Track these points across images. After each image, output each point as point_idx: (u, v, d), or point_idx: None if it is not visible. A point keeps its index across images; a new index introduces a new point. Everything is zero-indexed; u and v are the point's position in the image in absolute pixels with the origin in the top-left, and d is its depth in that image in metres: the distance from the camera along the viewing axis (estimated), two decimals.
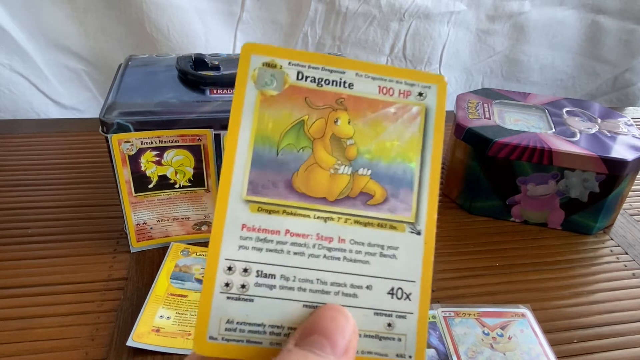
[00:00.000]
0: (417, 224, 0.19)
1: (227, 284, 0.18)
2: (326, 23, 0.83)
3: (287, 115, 0.19)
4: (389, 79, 0.20)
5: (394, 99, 0.20)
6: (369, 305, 0.18)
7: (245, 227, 0.18)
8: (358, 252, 0.19)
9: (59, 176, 0.62)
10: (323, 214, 0.19)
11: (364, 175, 0.19)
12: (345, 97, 0.20)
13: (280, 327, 0.18)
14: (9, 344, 0.41)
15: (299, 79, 0.19)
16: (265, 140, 0.19)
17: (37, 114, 0.80)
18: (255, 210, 0.18)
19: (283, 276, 0.18)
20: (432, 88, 0.20)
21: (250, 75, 0.19)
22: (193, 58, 0.53)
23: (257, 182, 0.19)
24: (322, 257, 0.18)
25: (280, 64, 0.19)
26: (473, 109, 0.62)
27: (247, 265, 0.18)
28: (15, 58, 0.75)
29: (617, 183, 0.55)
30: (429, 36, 0.87)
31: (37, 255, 0.50)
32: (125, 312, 0.44)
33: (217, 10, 0.80)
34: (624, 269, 0.54)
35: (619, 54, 0.95)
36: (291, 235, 0.18)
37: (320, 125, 0.19)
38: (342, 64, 0.20)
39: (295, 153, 0.19)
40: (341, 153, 0.19)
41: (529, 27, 0.91)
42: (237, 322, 0.18)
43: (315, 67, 0.19)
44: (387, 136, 0.20)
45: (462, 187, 0.61)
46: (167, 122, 0.46)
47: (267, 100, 0.19)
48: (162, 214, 0.50)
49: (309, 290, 0.18)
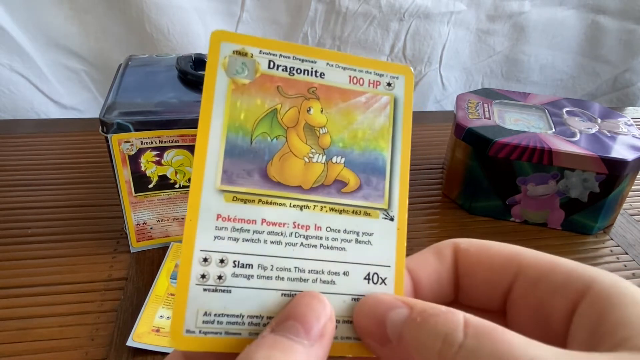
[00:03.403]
0: (390, 210, 0.20)
1: (203, 276, 0.17)
2: (326, 23, 0.83)
3: (259, 103, 0.19)
4: (358, 69, 0.20)
5: (364, 89, 0.20)
6: (347, 291, 0.19)
7: (220, 217, 0.18)
8: (334, 239, 0.19)
9: (59, 176, 0.62)
10: (299, 202, 0.19)
11: (337, 164, 0.19)
12: (317, 86, 0.19)
13: (259, 317, 0.18)
14: (9, 344, 0.41)
15: (271, 68, 0.19)
16: (238, 129, 0.19)
17: (37, 114, 0.80)
18: (230, 200, 0.18)
19: (260, 265, 0.18)
20: (399, 79, 0.20)
21: (220, 63, 0.19)
22: (193, 58, 0.53)
23: (231, 171, 0.18)
24: (299, 245, 0.18)
25: (251, 53, 0.19)
26: (473, 109, 0.62)
27: (224, 255, 0.18)
28: (15, 58, 0.75)
29: (617, 183, 0.55)
30: (429, 36, 0.87)
31: (37, 255, 0.50)
32: (125, 312, 0.44)
33: (217, 10, 0.80)
34: (624, 269, 0.54)
35: (619, 54, 0.95)
36: (267, 224, 0.18)
37: (293, 113, 0.19)
38: (313, 54, 0.20)
39: (269, 141, 0.19)
40: (315, 141, 0.19)
41: (529, 27, 0.91)
42: (214, 314, 0.17)
43: (286, 56, 0.19)
44: (359, 125, 0.20)
45: (462, 187, 0.61)
46: (167, 122, 0.46)
47: (239, 89, 0.19)
48: (162, 214, 0.50)
49: (287, 278, 0.18)
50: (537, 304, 0.18)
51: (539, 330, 0.18)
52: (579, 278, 0.17)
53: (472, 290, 0.20)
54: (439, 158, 0.70)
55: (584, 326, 0.16)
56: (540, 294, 0.18)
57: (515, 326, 0.19)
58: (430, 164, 0.69)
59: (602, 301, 0.16)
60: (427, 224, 0.59)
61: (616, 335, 0.15)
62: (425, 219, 0.60)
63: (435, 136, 0.73)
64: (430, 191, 0.65)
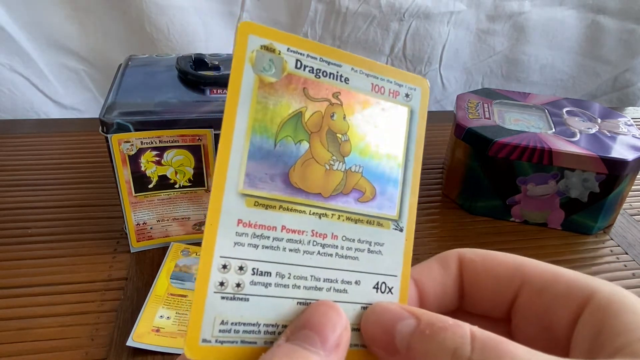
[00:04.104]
0: (400, 221, 0.20)
1: (221, 283, 0.17)
2: (326, 23, 0.83)
3: (285, 104, 0.18)
4: (380, 77, 0.20)
5: (384, 98, 0.20)
6: (357, 300, 0.19)
7: (241, 223, 0.17)
8: (349, 248, 0.19)
9: (59, 176, 0.62)
10: (318, 210, 0.19)
11: (356, 172, 0.19)
12: (341, 91, 0.19)
13: (274, 326, 0.17)
14: (9, 344, 0.41)
15: (297, 68, 0.18)
16: (263, 129, 0.18)
17: (37, 114, 0.80)
18: (251, 205, 0.17)
19: (278, 273, 0.18)
20: (416, 90, 0.20)
21: (247, 57, 0.18)
22: (193, 58, 0.53)
23: (254, 174, 0.17)
24: (316, 253, 0.18)
25: (279, 49, 0.18)
26: (473, 109, 0.62)
27: (243, 262, 0.17)
28: (15, 58, 0.75)
29: (617, 183, 0.55)
30: (429, 36, 0.87)
31: (37, 255, 0.50)
32: (125, 312, 0.44)
33: (217, 10, 0.80)
34: (624, 269, 0.54)
35: (619, 54, 0.95)
36: (287, 232, 0.18)
37: (318, 118, 0.19)
38: (339, 57, 0.19)
39: (293, 145, 0.18)
40: (336, 149, 0.19)
41: (529, 27, 0.91)
42: (231, 322, 0.17)
43: (313, 56, 0.19)
44: (377, 134, 0.20)
45: (462, 187, 0.61)
46: (167, 122, 0.46)
47: (265, 87, 0.18)
48: (162, 214, 0.50)
49: (303, 287, 0.18)
50: (541, 313, 0.19)
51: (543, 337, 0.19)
52: (581, 288, 0.18)
53: (477, 299, 0.21)
54: (439, 158, 0.70)
55: (586, 334, 0.17)
56: (544, 303, 0.19)
57: (519, 333, 0.20)
58: (430, 164, 0.69)
59: (602, 310, 0.17)
60: (427, 224, 0.59)
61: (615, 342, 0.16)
62: (426, 219, 0.60)
63: (435, 136, 0.73)
64: (430, 191, 0.65)
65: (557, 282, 0.19)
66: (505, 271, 0.20)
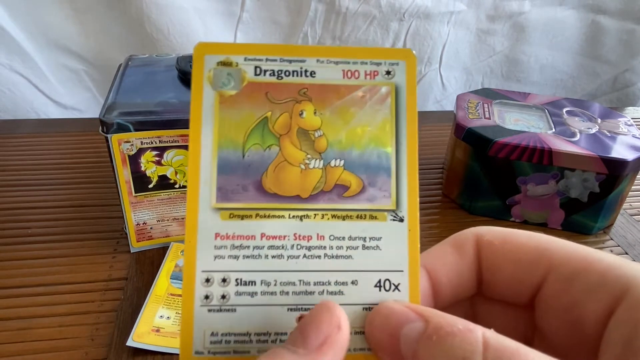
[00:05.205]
0: (398, 211, 0.18)
1: (206, 297, 0.17)
2: (326, 23, 0.83)
3: (248, 114, 0.18)
4: (352, 61, 0.19)
5: (360, 82, 0.19)
6: (357, 301, 0.18)
7: (218, 236, 0.18)
8: (339, 247, 0.18)
9: (59, 176, 0.62)
10: (298, 212, 0.18)
11: (337, 167, 0.18)
12: (308, 86, 0.18)
13: (266, 334, 0.17)
14: (9, 344, 0.41)
15: (257, 75, 0.18)
16: (229, 143, 0.18)
17: (37, 114, 0.80)
18: (227, 218, 0.18)
19: (264, 281, 0.18)
20: (400, 65, 0.19)
21: (205, 77, 0.18)
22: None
23: (225, 187, 0.18)
24: (301, 257, 0.18)
25: (235, 62, 0.18)
26: (473, 109, 0.62)
27: (226, 274, 0.17)
28: (15, 58, 0.75)
29: (617, 183, 0.55)
30: (429, 36, 0.87)
31: (37, 255, 0.50)
32: (125, 312, 0.44)
33: (217, 10, 0.80)
34: None
35: (619, 54, 0.95)
36: (267, 239, 0.18)
37: (285, 120, 0.18)
38: (301, 52, 0.19)
39: (262, 152, 0.18)
40: (310, 146, 0.18)
41: (529, 27, 0.91)
42: (221, 333, 0.17)
43: (273, 59, 0.18)
44: (357, 122, 0.19)
45: (462, 187, 0.61)
46: (167, 122, 0.46)
47: (226, 101, 0.18)
48: (162, 214, 0.50)
49: (292, 292, 0.18)
50: (568, 305, 0.17)
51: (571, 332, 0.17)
52: (617, 279, 0.16)
53: (497, 285, 0.19)
54: (439, 158, 0.70)
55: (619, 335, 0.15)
56: (572, 295, 0.17)
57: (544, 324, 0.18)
58: (430, 164, 0.69)
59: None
60: (427, 224, 0.59)
61: None
62: (426, 219, 0.60)
63: (435, 136, 0.73)
64: (430, 191, 0.65)
65: (588, 271, 0.16)
66: (529, 256, 0.18)
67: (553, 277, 0.17)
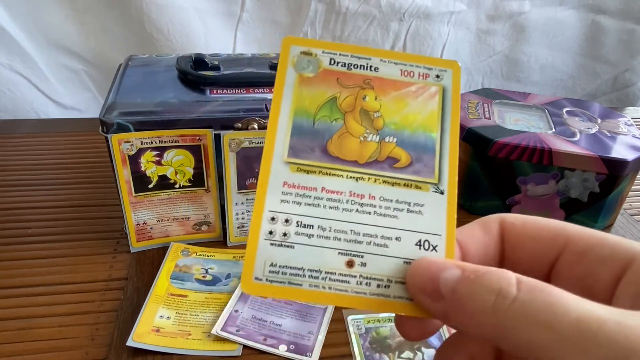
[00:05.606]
0: (440, 185, 0.21)
1: (270, 232, 0.20)
2: (326, 23, 0.83)
3: (321, 92, 0.22)
4: (409, 64, 0.22)
5: (414, 80, 0.22)
6: (399, 254, 0.20)
7: (286, 184, 0.21)
8: (387, 207, 0.21)
9: (59, 176, 0.62)
10: (355, 174, 0.21)
11: (390, 142, 0.22)
12: (371, 78, 0.22)
13: (318, 272, 0.20)
14: (9, 344, 0.41)
15: (332, 64, 0.22)
16: (303, 113, 0.22)
17: (37, 114, 0.80)
18: (295, 170, 0.21)
19: (320, 227, 0.20)
20: (448, 72, 0.23)
21: (290, 61, 0.22)
22: (193, 58, 0.53)
23: (296, 147, 0.21)
24: (354, 211, 0.21)
25: (315, 53, 0.22)
26: (473, 109, 0.62)
27: (288, 216, 0.20)
28: (15, 58, 0.75)
29: (617, 183, 0.55)
30: (429, 36, 0.87)
31: (37, 255, 0.50)
32: (125, 312, 0.44)
33: (217, 10, 0.80)
34: None
35: (619, 54, 0.95)
36: (327, 192, 0.21)
37: (350, 100, 0.22)
38: (368, 52, 0.22)
39: (329, 123, 0.22)
40: (369, 124, 0.22)
41: (529, 27, 0.91)
42: (279, 265, 0.20)
43: (345, 54, 0.22)
44: (410, 110, 0.22)
45: (462, 187, 0.61)
46: (167, 122, 0.46)
47: (305, 81, 0.22)
48: (162, 214, 0.50)
49: (344, 239, 0.20)
50: (583, 274, 0.19)
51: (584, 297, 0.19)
52: (626, 250, 0.18)
53: (518, 261, 0.21)
54: None
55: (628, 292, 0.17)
56: (586, 265, 0.19)
57: None
58: None
59: None
60: None
61: None
62: None
63: None
64: None
65: (601, 245, 0.19)
66: (548, 233, 0.20)
67: (569, 250, 0.19)
